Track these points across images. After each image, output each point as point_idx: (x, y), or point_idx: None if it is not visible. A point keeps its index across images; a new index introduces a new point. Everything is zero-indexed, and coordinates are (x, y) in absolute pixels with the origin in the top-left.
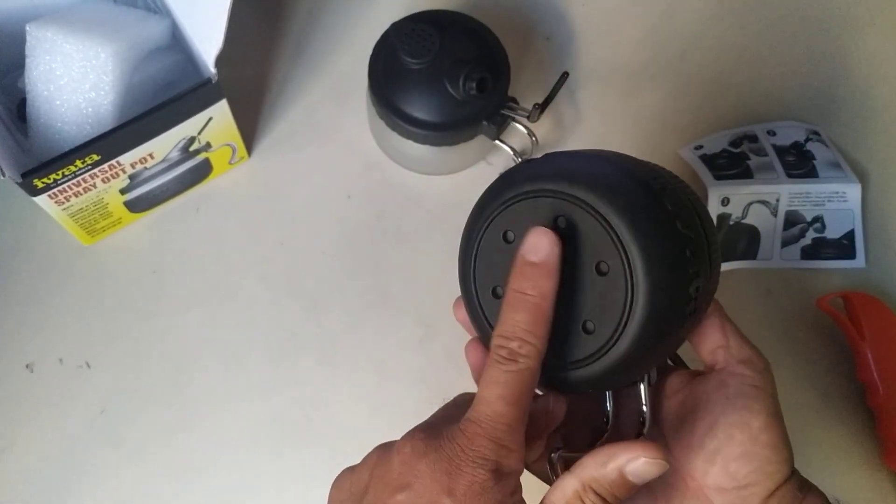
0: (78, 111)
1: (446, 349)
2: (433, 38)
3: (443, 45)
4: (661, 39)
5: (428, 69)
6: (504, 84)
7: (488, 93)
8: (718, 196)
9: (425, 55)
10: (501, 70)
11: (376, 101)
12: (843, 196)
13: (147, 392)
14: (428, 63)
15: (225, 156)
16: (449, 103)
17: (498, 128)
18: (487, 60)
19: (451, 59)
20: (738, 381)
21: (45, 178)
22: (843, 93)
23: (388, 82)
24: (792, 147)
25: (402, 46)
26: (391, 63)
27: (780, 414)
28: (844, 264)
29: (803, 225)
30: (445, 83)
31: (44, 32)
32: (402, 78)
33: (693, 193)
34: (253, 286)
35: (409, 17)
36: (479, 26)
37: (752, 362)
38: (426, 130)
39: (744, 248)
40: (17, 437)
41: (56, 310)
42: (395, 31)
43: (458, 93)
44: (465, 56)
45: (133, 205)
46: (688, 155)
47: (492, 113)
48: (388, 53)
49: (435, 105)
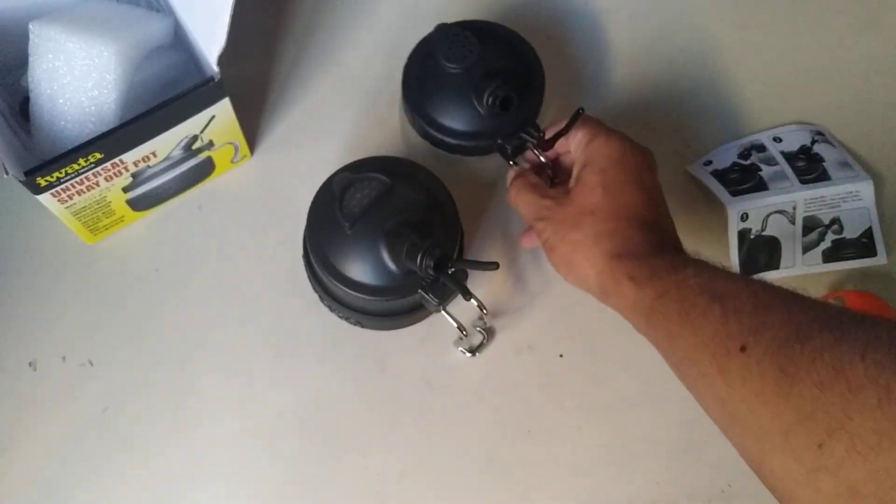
0: (81, 109)
1: (447, 348)
2: (473, 45)
3: (481, 56)
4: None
5: (461, 76)
6: (532, 108)
7: (511, 113)
8: (737, 212)
9: (462, 61)
10: (532, 93)
11: (405, 95)
12: (857, 195)
13: (150, 390)
14: (462, 70)
15: (227, 154)
16: (472, 115)
17: (513, 150)
18: (519, 80)
19: (483, 70)
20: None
21: (48, 176)
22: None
23: (421, 80)
24: (800, 151)
25: (441, 48)
26: (429, 64)
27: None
28: (866, 262)
29: (821, 229)
30: (472, 95)
31: (47, 31)
32: (435, 79)
33: None
34: (255, 284)
35: (458, 22)
36: (524, 46)
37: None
38: (441, 134)
39: (766, 261)
40: (19, 434)
41: (59, 308)
42: (439, 32)
43: (482, 106)
44: (499, 71)
45: (136, 203)
46: (699, 172)
47: (510, 134)
48: (428, 54)
49: (458, 113)
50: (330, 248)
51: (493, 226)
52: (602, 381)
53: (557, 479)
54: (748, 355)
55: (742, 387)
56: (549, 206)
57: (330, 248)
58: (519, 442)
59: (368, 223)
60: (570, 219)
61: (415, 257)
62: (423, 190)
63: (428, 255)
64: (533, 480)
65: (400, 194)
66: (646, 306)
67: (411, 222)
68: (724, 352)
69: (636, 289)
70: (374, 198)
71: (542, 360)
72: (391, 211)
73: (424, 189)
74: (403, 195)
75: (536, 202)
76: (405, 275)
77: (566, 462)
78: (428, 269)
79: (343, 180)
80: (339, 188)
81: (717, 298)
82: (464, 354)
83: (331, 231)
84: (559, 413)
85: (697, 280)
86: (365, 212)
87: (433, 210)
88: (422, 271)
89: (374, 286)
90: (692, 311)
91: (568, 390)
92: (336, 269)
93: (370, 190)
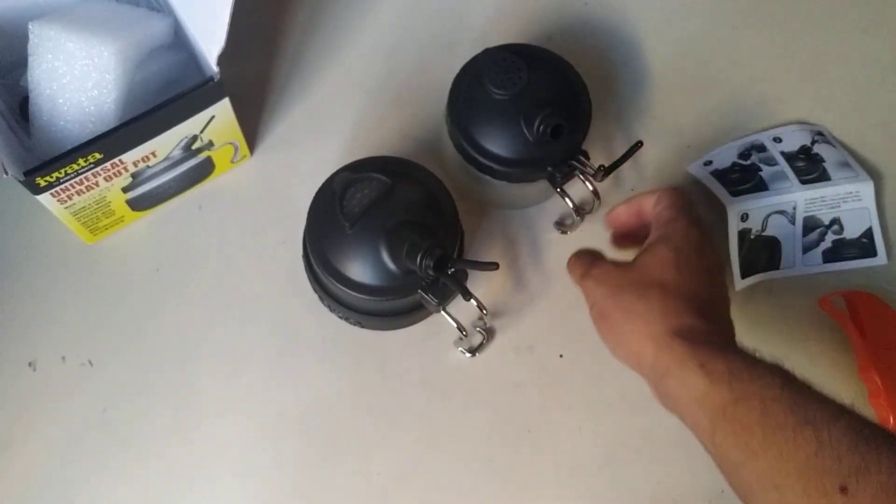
0: (80, 109)
1: (447, 348)
2: (521, 71)
3: (529, 82)
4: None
5: (509, 103)
6: (579, 135)
7: (562, 140)
8: (737, 212)
9: (509, 87)
10: (581, 120)
11: (450, 120)
12: (857, 195)
13: (150, 390)
14: (510, 97)
15: (227, 154)
16: (520, 142)
17: (562, 177)
18: (568, 107)
19: (532, 97)
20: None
21: (48, 176)
22: (843, 90)
23: (467, 105)
24: (800, 152)
25: (488, 74)
26: (474, 88)
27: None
28: (867, 263)
29: (822, 229)
30: (521, 122)
31: (46, 31)
32: (481, 105)
33: None
34: (255, 284)
35: (503, 46)
36: (570, 71)
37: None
38: (489, 161)
39: (766, 260)
40: (18, 434)
41: (58, 308)
42: (486, 57)
43: (531, 134)
44: (548, 98)
45: (135, 203)
46: (699, 172)
47: (559, 162)
48: (473, 78)
49: (506, 140)
50: (330, 247)
51: (493, 225)
52: (602, 381)
53: (557, 479)
54: (851, 498)
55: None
56: (606, 269)
57: (330, 247)
58: (519, 442)
59: (368, 223)
60: (632, 286)
61: (415, 257)
62: (424, 190)
63: (428, 255)
64: (533, 480)
65: (400, 194)
66: (716, 406)
67: (411, 222)
68: (820, 490)
69: (707, 381)
70: (374, 198)
71: (543, 360)
72: (391, 211)
73: (425, 189)
74: (404, 195)
75: (590, 258)
76: (405, 275)
77: (566, 462)
78: (428, 269)
79: (343, 180)
80: (339, 187)
81: (810, 422)
82: (464, 355)
83: (331, 231)
84: (559, 413)
85: (786, 393)
86: (365, 212)
87: (433, 210)
88: (421, 271)
89: (374, 286)
90: (779, 433)
91: (568, 390)
92: (336, 269)
93: (370, 190)
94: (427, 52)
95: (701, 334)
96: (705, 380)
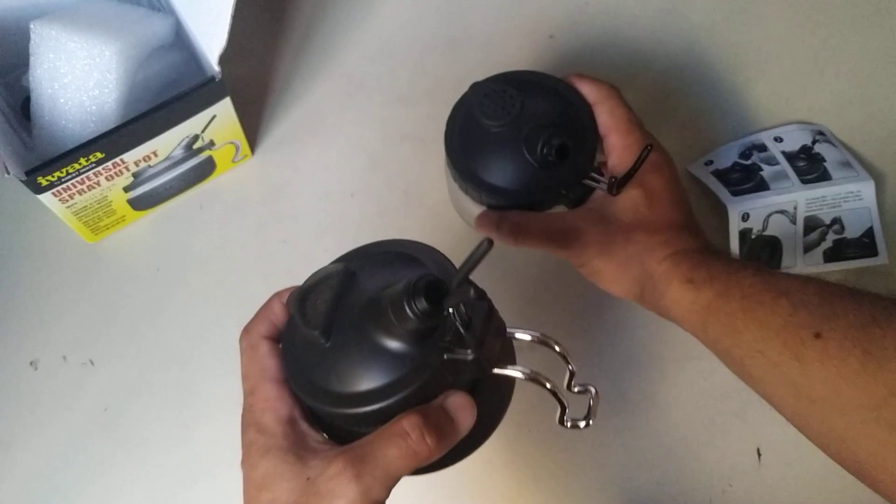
0: (82, 109)
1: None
2: (514, 99)
3: (524, 107)
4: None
5: (506, 132)
6: (588, 152)
7: (569, 161)
8: (738, 212)
9: (504, 117)
10: (586, 136)
11: (451, 162)
12: (858, 195)
13: (150, 390)
14: (507, 125)
15: (228, 154)
16: (526, 170)
17: (578, 199)
18: (570, 126)
19: (531, 122)
20: None
21: (50, 175)
22: (844, 89)
23: (465, 144)
24: (801, 151)
25: (480, 108)
26: (469, 124)
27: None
28: (867, 262)
29: (822, 228)
30: (523, 148)
31: (48, 30)
32: (479, 140)
33: None
34: (256, 284)
35: (491, 77)
36: (565, 88)
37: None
38: (499, 196)
39: (767, 260)
40: (20, 433)
41: (60, 307)
42: (475, 91)
43: (535, 159)
44: (547, 120)
45: (137, 202)
46: (699, 171)
47: (572, 183)
48: (467, 114)
49: (511, 170)
50: (470, 153)
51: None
52: (602, 381)
53: (557, 479)
54: (825, 341)
55: (821, 369)
56: (576, 230)
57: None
58: (519, 441)
59: (340, 325)
60: (615, 237)
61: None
62: (557, 93)
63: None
64: (532, 480)
65: (535, 97)
66: (702, 306)
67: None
68: (797, 340)
69: (694, 290)
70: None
71: (543, 359)
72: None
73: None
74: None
75: (555, 229)
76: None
77: (566, 462)
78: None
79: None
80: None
81: (783, 293)
82: (579, 426)
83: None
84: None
85: (759, 278)
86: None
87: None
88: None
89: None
90: (758, 308)
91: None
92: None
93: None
94: (428, 52)
95: (689, 252)
96: (692, 290)
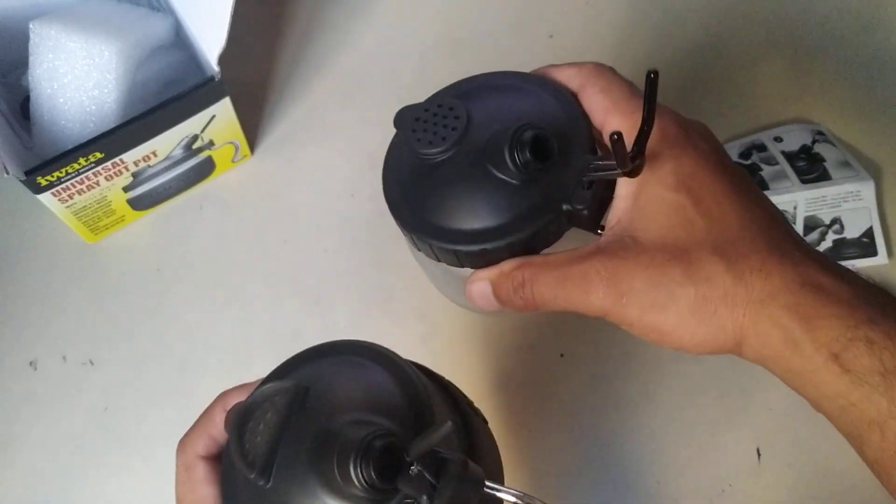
0: (81, 109)
1: (449, 347)
2: (455, 110)
3: (472, 118)
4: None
5: (458, 155)
6: (580, 140)
7: (556, 159)
8: None
9: (448, 136)
10: (572, 126)
11: (403, 225)
12: (858, 195)
13: (150, 390)
14: (454, 145)
15: (228, 154)
16: (503, 190)
17: (595, 212)
18: (546, 119)
19: (487, 130)
20: None
21: (49, 175)
22: (844, 89)
23: (412, 194)
24: (801, 151)
25: (414, 139)
26: (410, 167)
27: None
28: (867, 262)
29: (822, 229)
30: (488, 165)
31: (47, 30)
32: (428, 181)
33: None
34: (256, 284)
35: (432, 96)
36: (536, 83)
37: None
38: (480, 241)
39: None
40: (19, 434)
41: (59, 307)
42: (401, 120)
43: (509, 172)
44: (508, 119)
45: (136, 202)
46: None
47: (570, 186)
48: (404, 155)
49: (483, 201)
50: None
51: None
52: (602, 381)
53: (557, 479)
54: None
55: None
56: (597, 273)
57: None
58: (518, 441)
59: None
60: (667, 269)
61: (347, 471)
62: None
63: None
64: (532, 480)
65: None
66: (870, 420)
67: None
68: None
69: (850, 384)
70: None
71: (543, 359)
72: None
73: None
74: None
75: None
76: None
77: (566, 462)
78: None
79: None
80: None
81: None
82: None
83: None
84: (559, 412)
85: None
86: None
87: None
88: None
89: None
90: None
91: (568, 390)
92: None
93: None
94: (428, 52)
95: (798, 291)
96: (854, 385)
